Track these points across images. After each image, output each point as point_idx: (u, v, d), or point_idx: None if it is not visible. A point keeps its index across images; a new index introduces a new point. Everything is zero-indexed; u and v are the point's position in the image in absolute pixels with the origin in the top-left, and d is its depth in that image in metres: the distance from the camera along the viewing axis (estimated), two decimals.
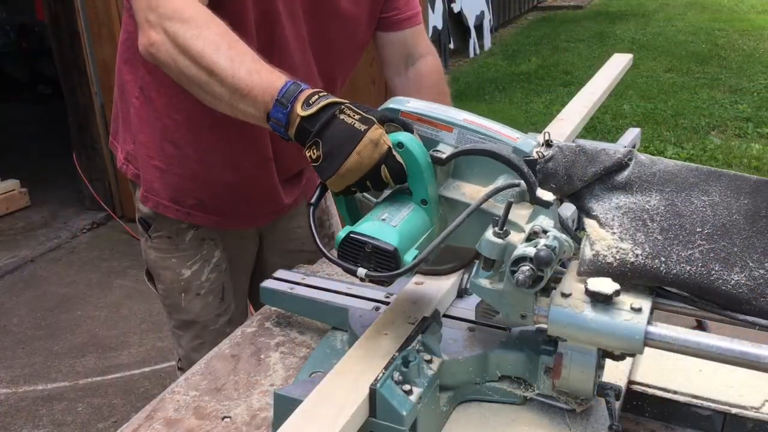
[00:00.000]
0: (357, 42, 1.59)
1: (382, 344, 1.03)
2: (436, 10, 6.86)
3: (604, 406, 1.00)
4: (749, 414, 1.05)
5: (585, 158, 1.01)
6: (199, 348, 1.64)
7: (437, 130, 1.06)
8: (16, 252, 4.27)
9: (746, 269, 0.90)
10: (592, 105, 1.71)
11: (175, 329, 1.69)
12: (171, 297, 1.63)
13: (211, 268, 1.62)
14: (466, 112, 1.08)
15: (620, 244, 0.94)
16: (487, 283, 0.98)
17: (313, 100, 1.02)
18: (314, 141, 1.00)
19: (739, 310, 0.90)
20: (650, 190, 0.99)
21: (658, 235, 0.94)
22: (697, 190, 0.98)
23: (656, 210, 0.97)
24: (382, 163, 0.98)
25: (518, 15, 10.70)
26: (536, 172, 1.00)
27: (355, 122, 0.99)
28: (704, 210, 0.96)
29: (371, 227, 0.97)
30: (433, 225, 1.03)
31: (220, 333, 1.62)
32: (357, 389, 0.93)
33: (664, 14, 10.41)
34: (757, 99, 6.38)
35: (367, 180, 0.99)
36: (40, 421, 2.84)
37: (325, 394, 0.94)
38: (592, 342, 0.93)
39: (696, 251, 0.92)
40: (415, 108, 1.07)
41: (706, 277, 0.91)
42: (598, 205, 0.99)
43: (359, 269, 0.95)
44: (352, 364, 0.99)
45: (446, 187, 1.06)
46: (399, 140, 1.00)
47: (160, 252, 1.60)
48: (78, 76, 4.46)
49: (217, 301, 1.65)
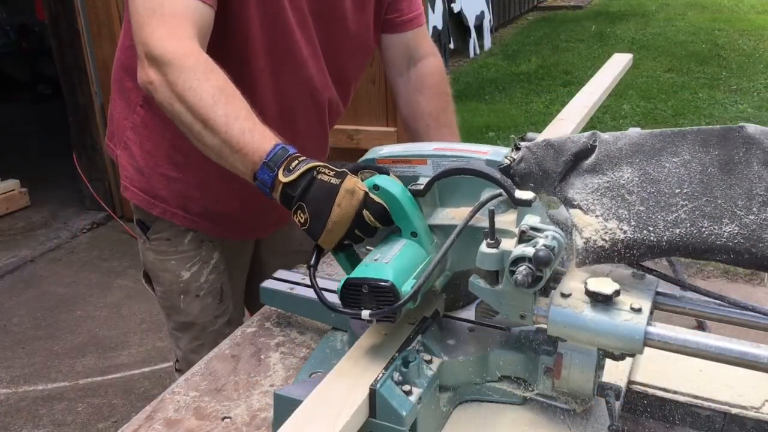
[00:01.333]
0: (366, 45, 1.60)
1: (382, 344, 1.03)
2: (436, 10, 6.85)
3: (604, 406, 1.00)
4: (749, 414, 1.05)
5: (553, 151, 1.02)
6: (198, 349, 1.64)
7: (413, 167, 1.11)
8: (16, 252, 4.27)
9: (736, 218, 0.90)
10: (592, 105, 1.71)
11: (174, 331, 1.68)
12: (170, 299, 1.63)
13: (210, 270, 1.62)
14: (436, 142, 1.15)
15: (607, 225, 0.94)
16: (487, 283, 0.98)
17: (293, 165, 1.07)
18: (299, 205, 1.06)
19: (741, 260, 0.89)
20: (620, 164, 0.98)
21: (639, 206, 0.94)
22: (665, 153, 0.97)
23: (631, 182, 0.97)
24: (363, 208, 1.03)
25: (518, 15, 10.70)
26: (512, 176, 1.03)
27: (331, 179, 1.05)
28: (678, 171, 0.95)
29: (365, 269, 1.00)
30: (429, 255, 1.05)
31: (219, 334, 1.62)
32: (357, 389, 0.93)
33: (664, 14, 10.41)
34: (758, 99, 6.38)
35: (355, 228, 1.04)
36: (40, 421, 2.84)
37: (325, 394, 0.94)
38: (592, 342, 0.93)
39: (681, 212, 0.92)
40: (388, 152, 1.14)
41: (697, 236, 0.90)
42: (577, 193, 0.99)
43: (363, 311, 0.97)
44: (352, 364, 1.00)
45: (435, 216, 1.09)
46: (374, 183, 1.05)
47: (159, 254, 1.60)
48: (78, 76, 4.46)
49: (216, 303, 1.65)
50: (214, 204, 1.55)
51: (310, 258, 1.10)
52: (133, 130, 1.52)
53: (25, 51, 7.34)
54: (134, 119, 1.51)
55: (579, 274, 0.97)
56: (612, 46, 8.56)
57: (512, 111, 6.40)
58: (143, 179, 1.54)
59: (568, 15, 10.91)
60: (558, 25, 10.09)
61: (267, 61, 1.39)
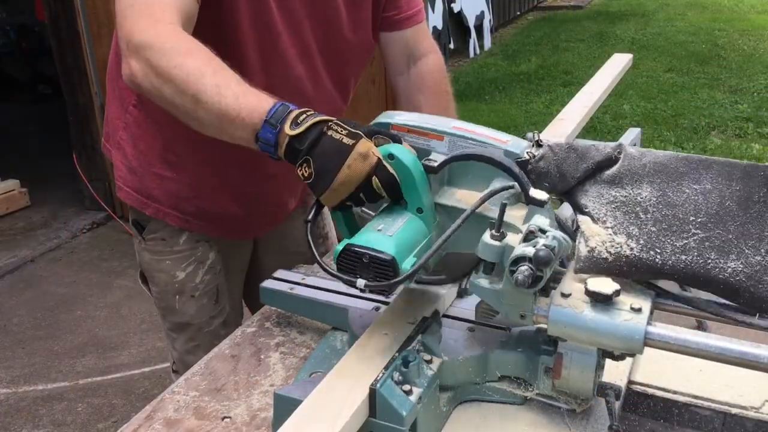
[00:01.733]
0: (364, 44, 1.58)
1: (382, 344, 1.03)
2: (436, 10, 6.85)
3: (604, 406, 1.00)
4: (749, 414, 1.05)
5: (575, 155, 1.01)
6: (194, 350, 1.63)
7: (428, 140, 1.08)
8: (16, 252, 4.27)
9: (742, 256, 0.90)
10: (592, 105, 1.71)
11: (170, 331, 1.68)
12: (165, 299, 1.62)
13: (205, 270, 1.61)
14: (456, 120, 1.10)
15: (615, 238, 0.94)
16: (487, 283, 0.98)
17: (301, 119, 1.03)
18: (305, 159, 1.02)
19: (738, 298, 0.89)
20: (641, 182, 0.98)
21: (651, 226, 0.94)
22: (687, 179, 0.97)
23: (648, 201, 0.96)
24: (373, 175, 1.00)
25: (518, 15, 10.70)
26: (528, 172, 1.01)
27: (343, 137, 1.01)
28: (696, 198, 0.95)
29: (368, 238, 0.98)
30: (430, 233, 1.04)
31: (214, 335, 1.61)
32: (357, 389, 0.93)
33: (664, 14, 10.41)
34: (758, 99, 6.38)
35: (360, 192, 1.01)
36: (40, 421, 2.84)
37: (325, 394, 0.94)
38: (592, 342, 0.93)
39: (691, 240, 0.92)
40: (405, 120, 1.09)
41: (702, 266, 0.90)
42: (591, 201, 0.99)
43: (358, 280, 0.96)
44: (352, 364, 0.99)
45: (441, 195, 1.07)
46: (390, 152, 1.01)
47: (155, 254, 1.59)
48: (78, 76, 4.45)
49: (211, 303, 1.64)
50: (207, 204, 1.54)
51: (308, 214, 1.07)
52: (126, 130, 1.52)
53: (25, 51, 7.33)
54: (127, 119, 1.50)
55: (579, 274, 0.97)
56: (612, 46, 8.56)
57: (512, 111, 6.40)
58: (136, 179, 1.53)
59: (568, 15, 10.91)
60: (558, 25, 10.09)
61: (258, 60, 1.38)
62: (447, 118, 1.10)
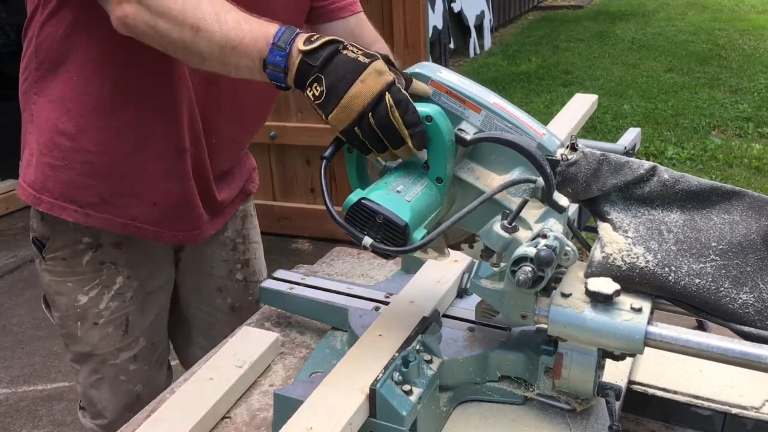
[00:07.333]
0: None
1: (382, 344, 1.03)
2: (436, 10, 6.86)
3: (604, 406, 0.99)
4: (749, 414, 1.04)
5: (608, 169, 0.99)
6: (97, 384, 1.49)
7: (464, 108, 1.01)
8: (16, 252, 4.27)
9: (756, 290, 0.90)
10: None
11: (73, 362, 1.52)
12: (67, 326, 1.46)
13: (111, 296, 1.45)
14: (496, 95, 1.04)
15: (632, 249, 0.94)
16: (488, 283, 0.98)
17: (315, 38, 0.99)
18: (316, 77, 0.96)
19: (744, 332, 0.89)
20: (671, 206, 0.98)
21: (672, 245, 0.94)
22: (718, 208, 0.97)
23: (675, 223, 0.96)
24: (386, 91, 0.94)
25: (518, 15, 10.71)
26: (556, 173, 0.98)
27: (359, 56, 0.96)
28: (722, 227, 0.95)
29: (385, 197, 0.93)
30: (442, 204, 1.01)
31: (121, 369, 1.48)
32: (357, 389, 0.93)
33: (665, 14, 10.41)
34: (758, 99, 6.38)
35: (371, 113, 0.94)
36: (40, 421, 2.84)
37: (325, 394, 0.93)
38: (592, 342, 0.93)
39: (708, 265, 0.92)
40: (446, 79, 1.01)
41: (714, 293, 0.90)
42: (615, 210, 0.98)
43: (365, 238, 0.92)
44: (352, 364, 0.99)
45: (461, 168, 1.03)
46: (427, 113, 0.96)
47: (55, 275, 1.44)
48: None
49: (118, 334, 1.47)
50: (107, 189, 1.37)
51: (325, 150, 1.00)
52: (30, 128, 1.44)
53: None
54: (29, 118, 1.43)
55: (580, 274, 0.97)
56: (612, 45, 8.57)
57: None
58: (30, 172, 1.42)
59: (568, 15, 10.92)
60: (558, 25, 10.10)
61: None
62: (488, 90, 1.04)
